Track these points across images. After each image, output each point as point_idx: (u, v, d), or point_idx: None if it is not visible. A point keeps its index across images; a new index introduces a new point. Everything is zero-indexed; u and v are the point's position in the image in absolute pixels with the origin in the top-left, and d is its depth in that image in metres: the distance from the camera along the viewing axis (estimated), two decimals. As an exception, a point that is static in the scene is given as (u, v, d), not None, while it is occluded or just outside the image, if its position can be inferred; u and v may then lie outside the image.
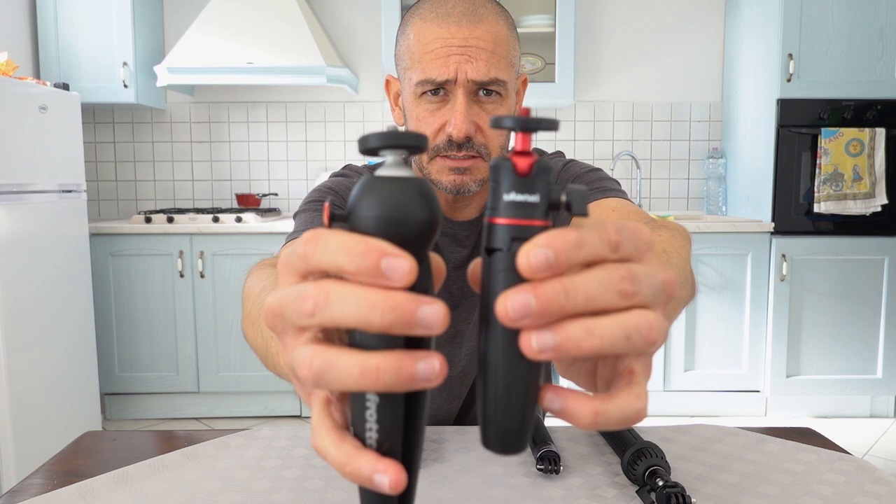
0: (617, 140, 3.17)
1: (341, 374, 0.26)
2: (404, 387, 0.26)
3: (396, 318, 0.25)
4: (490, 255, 0.28)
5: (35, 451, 2.11)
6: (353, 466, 0.27)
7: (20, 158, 2.06)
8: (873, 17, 2.57)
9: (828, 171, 2.57)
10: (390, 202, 0.27)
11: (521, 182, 0.28)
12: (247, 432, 0.73)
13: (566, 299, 0.26)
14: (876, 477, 0.61)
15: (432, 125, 0.78)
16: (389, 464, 0.27)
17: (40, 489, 0.61)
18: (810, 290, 2.65)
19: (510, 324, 0.26)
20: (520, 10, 3.00)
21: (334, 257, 0.27)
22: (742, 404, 2.74)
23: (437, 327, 0.25)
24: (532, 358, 0.27)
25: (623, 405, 0.28)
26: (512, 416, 0.29)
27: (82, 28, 2.77)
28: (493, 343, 0.28)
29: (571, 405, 0.28)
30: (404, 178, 0.28)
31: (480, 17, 0.75)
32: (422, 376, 0.26)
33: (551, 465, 0.61)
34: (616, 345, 0.26)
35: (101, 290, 2.66)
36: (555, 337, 0.26)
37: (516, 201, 0.28)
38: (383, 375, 0.25)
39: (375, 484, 0.27)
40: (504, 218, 0.28)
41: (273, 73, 2.72)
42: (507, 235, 0.28)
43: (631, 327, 0.26)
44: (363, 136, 0.28)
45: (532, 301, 0.25)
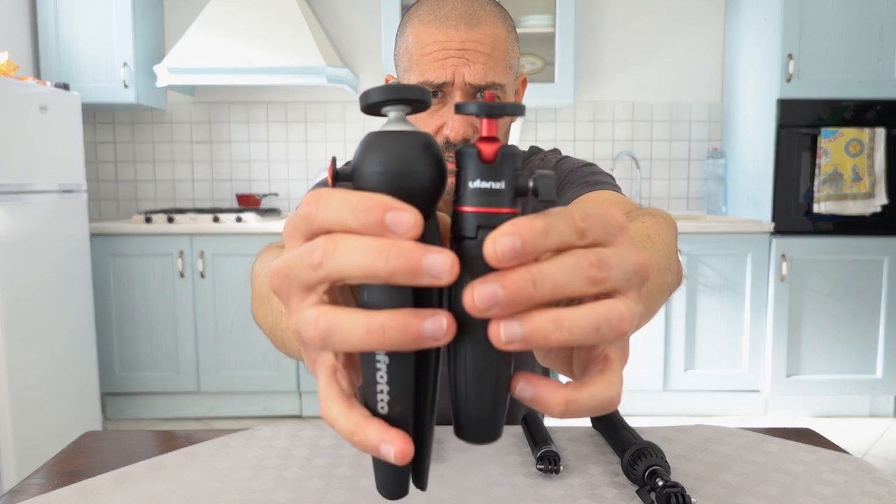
0: (617, 140, 3.17)
1: (347, 334, 0.26)
2: (411, 345, 0.25)
3: (402, 264, 0.25)
4: (458, 244, 0.28)
5: (35, 451, 2.11)
6: (360, 436, 0.27)
7: (20, 158, 2.06)
8: (873, 17, 2.57)
9: (827, 171, 2.57)
10: (394, 157, 0.27)
11: (486, 169, 0.27)
12: (247, 432, 0.73)
13: (534, 288, 0.25)
14: (876, 477, 0.61)
15: (430, 127, 0.78)
16: (396, 434, 0.27)
17: (40, 489, 0.61)
18: (810, 290, 2.65)
19: (478, 314, 0.26)
20: (520, 10, 3.00)
21: (338, 215, 0.26)
22: (742, 404, 2.74)
23: (445, 275, 0.25)
24: (500, 348, 0.26)
25: (595, 392, 0.28)
26: (483, 405, 0.28)
27: (82, 28, 2.77)
28: (461, 333, 0.28)
29: (543, 394, 0.28)
30: (408, 131, 0.27)
31: (479, 19, 0.75)
32: (429, 334, 0.25)
33: (551, 465, 0.61)
34: (585, 336, 0.26)
35: (102, 291, 2.66)
36: (522, 328, 0.26)
37: (482, 188, 0.27)
38: (389, 333, 0.25)
39: (382, 453, 0.27)
40: (470, 206, 0.27)
41: (273, 74, 2.72)
42: (473, 223, 0.27)
43: (601, 319, 0.26)
44: (364, 91, 0.28)
45: (499, 291, 0.25)
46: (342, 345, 0.26)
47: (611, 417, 0.70)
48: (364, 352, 0.27)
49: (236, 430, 0.74)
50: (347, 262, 0.25)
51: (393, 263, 0.25)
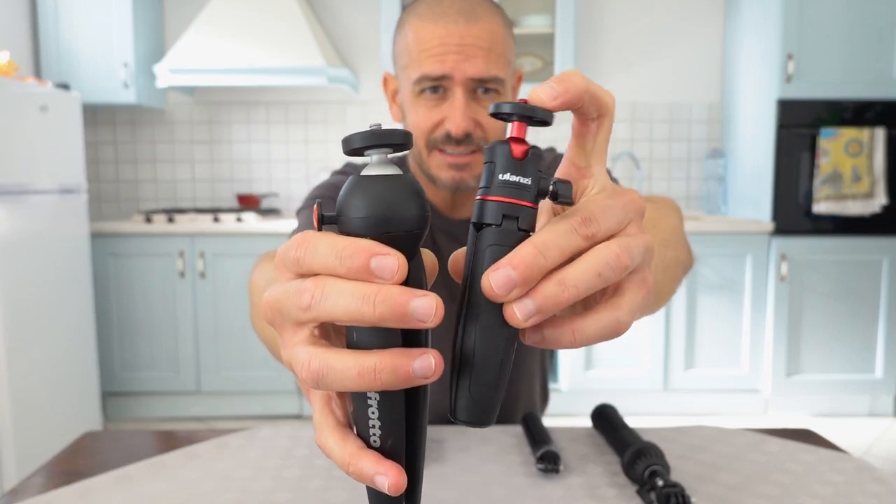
0: (617, 140, 3.17)
1: (339, 376, 0.27)
2: (402, 385, 0.26)
3: (388, 309, 0.25)
4: (479, 231, 0.29)
5: (35, 451, 2.11)
6: (356, 467, 0.28)
7: (21, 158, 2.06)
8: (873, 17, 2.57)
9: (827, 171, 2.57)
10: (377, 201, 0.27)
11: (515, 164, 0.29)
12: (247, 432, 0.73)
13: (544, 259, 0.27)
14: (876, 477, 0.61)
15: (430, 120, 0.78)
16: (390, 466, 0.28)
17: (40, 489, 0.61)
18: (810, 290, 2.65)
19: (499, 300, 0.27)
20: (520, 10, 3.00)
21: (325, 260, 0.27)
22: (742, 404, 2.74)
23: (430, 319, 0.26)
24: (520, 327, 0.28)
25: (600, 318, 0.29)
26: (485, 388, 0.30)
27: (83, 28, 2.77)
28: (472, 318, 0.29)
29: (549, 331, 0.29)
30: (390, 176, 0.28)
31: (477, 15, 0.75)
32: (419, 374, 0.26)
33: (551, 464, 0.61)
34: (591, 286, 0.28)
35: (102, 290, 2.66)
36: (535, 302, 0.27)
37: (510, 181, 0.29)
38: (381, 375, 0.26)
39: (377, 485, 0.28)
40: (497, 196, 0.29)
41: (273, 74, 2.72)
42: (498, 212, 0.29)
43: (600, 264, 0.28)
44: (346, 136, 0.29)
45: (512, 272, 0.27)
46: (335, 385, 0.27)
47: (611, 417, 0.70)
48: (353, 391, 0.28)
49: (236, 430, 0.74)
50: (336, 308, 0.26)
51: (380, 309, 0.25)
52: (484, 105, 0.78)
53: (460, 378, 0.30)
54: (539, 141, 3.16)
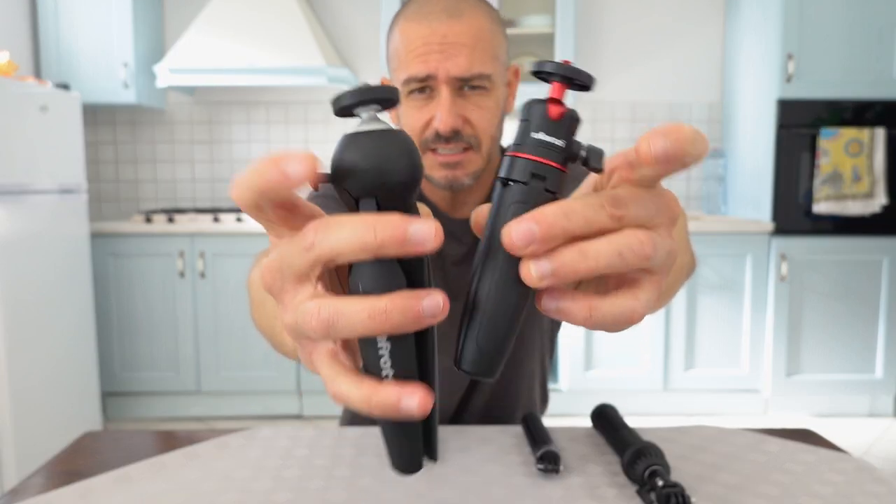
0: (617, 140, 3.17)
1: (350, 320, 0.26)
2: (413, 325, 0.26)
3: (390, 233, 0.26)
4: (505, 187, 0.30)
5: (35, 451, 2.11)
6: (377, 397, 0.27)
7: (20, 158, 2.06)
8: (873, 17, 2.57)
9: (827, 171, 2.57)
10: (372, 155, 0.28)
11: (550, 124, 0.29)
12: (247, 432, 0.73)
13: (567, 220, 0.27)
14: (876, 477, 0.61)
15: (420, 120, 0.78)
16: (415, 386, 0.27)
17: (40, 489, 0.61)
18: (810, 290, 2.65)
19: (516, 252, 0.27)
20: (520, 10, 3.00)
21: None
22: (742, 404, 2.74)
23: (430, 241, 0.26)
24: (533, 286, 0.28)
25: (617, 302, 0.29)
26: (493, 341, 0.30)
27: (83, 28, 2.77)
28: (490, 269, 0.29)
29: (566, 303, 0.29)
30: (381, 130, 0.28)
31: (461, 11, 0.75)
32: (428, 312, 0.26)
33: (551, 464, 0.61)
34: (611, 263, 0.28)
35: (102, 290, 2.66)
36: (551, 263, 0.27)
37: (543, 140, 0.29)
38: (392, 315, 0.26)
39: (403, 409, 0.27)
40: (528, 154, 0.29)
41: (273, 74, 2.72)
42: (527, 170, 0.29)
43: (623, 245, 0.28)
44: (335, 96, 0.29)
45: (535, 227, 0.27)
46: (345, 331, 0.27)
47: (611, 417, 0.70)
48: (366, 337, 0.28)
49: (236, 430, 0.74)
50: (339, 239, 0.26)
51: (381, 234, 0.26)
52: (472, 101, 0.77)
53: (469, 327, 0.30)
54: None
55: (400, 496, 0.58)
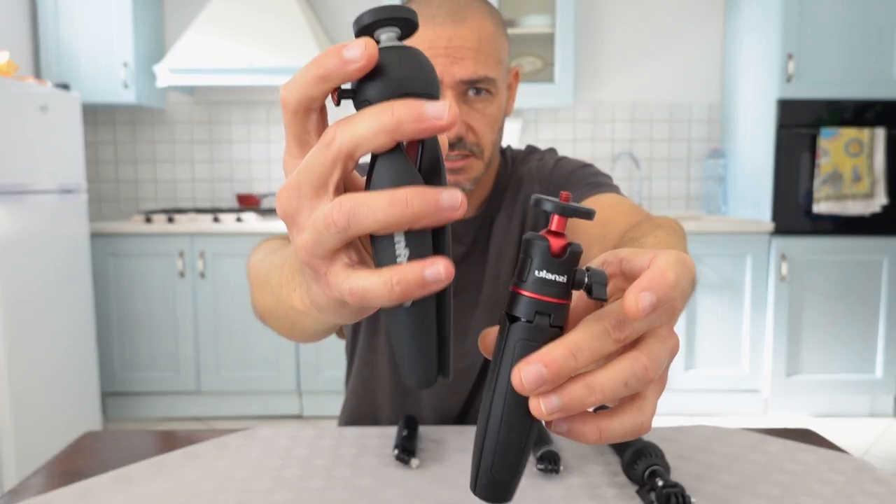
0: (617, 140, 3.17)
1: (372, 209, 0.27)
2: (433, 216, 0.27)
3: (406, 112, 0.27)
4: (511, 323, 0.30)
5: (35, 451, 2.11)
6: (400, 275, 0.27)
7: (20, 158, 2.06)
8: (873, 17, 2.57)
9: (827, 171, 2.57)
10: (394, 65, 0.28)
11: (552, 262, 0.30)
12: (247, 432, 0.73)
13: (575, 361, 0.28)
14: (875, 477, 0.61)
15: None
16: (433, 258, 0.28)
17: (40, 489, 0.61)
18: (810, 290, 2.65)
19: (526, 393, 0.28)
20: (520, 10, 3.00)
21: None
22: (742, 404, 2.74)
23: (446, 115, 0.27)
24: (542, 419, 0.29)
25: (625, 420, 0.30)
26: (506, 469, 0.31)
27: (82, 28, 2.77)
28: (498, 402, 0.31)
29: (576, 426, 0.30)
30: (399, 45, 0.29)
31: (465, 15, 0.75)
32: (447, 204, 0.27)
33: (551, 464, 0.61)
34: (616, 392, 0.29)
35: (102, 290, 2.66)
36: (560, 399, 0.28)
37: (546, 279, 0.30)
38: (413, 203, 0.27)
39: (428, 278, 0.27)
40: (532, 292, 0.30)
41: (273, 74, 2.72)
42: (532, 309, 0.30)
43: (628, 374, 0.29)
44: (358, 16, 0.29)
45: (543, 370, 0.28)
46: (367, 220, 0.27)
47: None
48: (386, 231, 0.28)
49: (236, 430, 0.74)
50: (358, 124, 0.27)
51: (398, 113, 0.27)
52: (476, 108, 0.77)
53: (483, 456, 0.31)
54: (539, 141, 3.16)
55: (400, 496, 0.58)
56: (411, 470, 0.63)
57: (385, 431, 0.74)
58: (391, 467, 0.64)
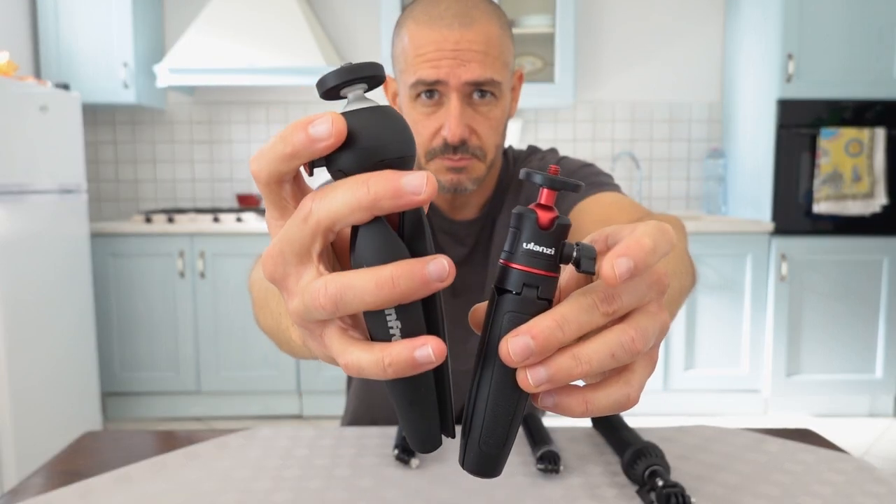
0: (617, 140, 3.17)
1: (359, 292, 0.26)
2: (421, 291, 0.26)
3: (383, 187, 0.26)
4: (500, 295, 0.30)
5: (35, 451, 2.11)
6: (391, 357, 0.27)
7: (20, 158, 2.06)
8: (873, 17, 2.57)
9: (827, 171, 2.57)
10: (365, 133, 0.28)
11: (540, 234, 0.30)
12: (247, 432, 0.73)
13: (562, 332, 0.28)
14: (875, 477, 0.61)
15: (429, 128, 0.78)
16: (424, 337, 0.28)
17: (40, 489, 0.61)
18: (810, 290, 2.65)
19: (513, 365, 0.28)
20: (520, 10, 3.00)
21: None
22: (742, 404, 2.74)
23: (423, 189, 0.26)
24: (530, 392, 0.29)
25: (612, 392, 0.30)
26: (494, 443, 0.31)
27: (82, 28, 2.77)
28: (486, 375, 0.30)
29: (563, 398, 0.30)
30: (370, 107, 0.28)
31: (473, 18, 0.75)
32: (434, 275, 0.26)
33: (551, 464, 0.61)
34: (604, 364, 0.28)
35: (102, 291, 2.66)
36: (547, 371, 0.28)
37: (534, 251, 0.30)
38: (399, 282, 0.26)
39: (419, 359, 0.27)
40: (520, 265, 0.30)
41: (273, 74, 2.72)
42: (520, 281, 0.30)
43: (615, 345, 0.28)
44: (320, 79, 0.28)
45: (531, 342, 0.27)
46: (354, 303, 0.27)
47: (611, 417, 0.70)
48: (375, 309, 0.28)
49: (236, 430, 0.74)
50: (335, 200, 0.27)
51: (374, 188, 0.26)
52: (480, 111, 0.78)
53: (471, 430, 0.31)
54: (539, 141, 3.16)
55: (400, 496, 0.58)
56: (411, 470, 0.63)
57: (385, 431, 0.74)
58: (391, 467, 0.64)
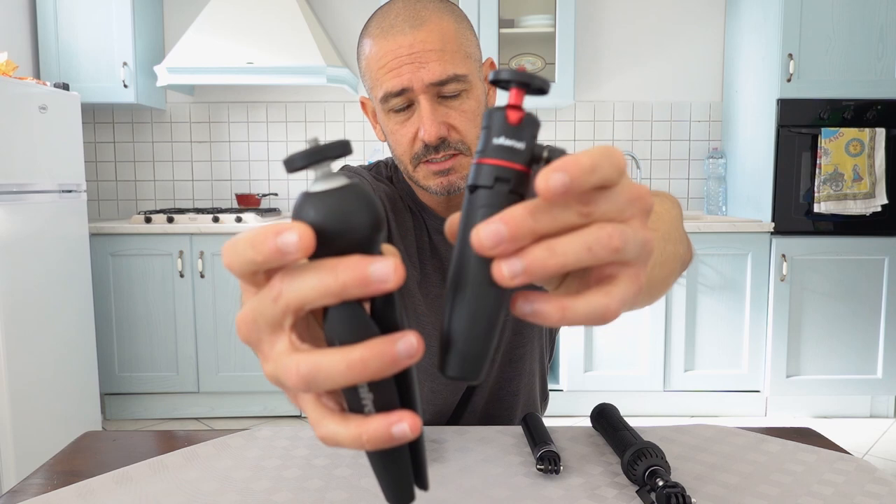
0: (617, 140, 3.17)
1: (329, 374, 0.27)
2: (390, 369, 0.27)
3: (351, 275, 0.26)
4: (472, 193, 0.31)
5: (35, 451, 2.11)
6: (368, 433, 0.28)
7: (20, 158, 2.06)
8: (873, 17, 2.57)
9: (828, 171, 2.57)
10: (328, 215, 0.28)
11: (510, 129, 0.30)
12: (247, 432, 0.73)
13: (533, 220, 0.28)
14: (876, 477, 0.61)
15: (406, 136, 0.78)
16: (400, 413, 0.28)
17: (40, 489, 0.61)
18: (810, 290, 2.65)
19: (486, 253, 0.28)
20: (520, 10, 3.00)
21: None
22: (742, 404, 2.74)
23: (391, 279, 0.26)
24: (505, 285, 0.28)
25: (590, 300, 0.29)
26: (474, 343, 0.30)
27: (82, 28, 2.77)
28: (463, 272, 0.30)
29: (539, 304, 0.29)
30: (337, 188, 0.28)
31: (423, 19, 0.75)
32: (403, 354, 0.27)
33: (551, 465, 0.61)
34: (580, 258, 0.28)
35: (101, 290, 2.66)
36: (522, 262, 0.28)
37: (504, 145, 0.30)
38: (369, 364, 0.26)
39: (396, 435, 0.28)
40: (491, 159, 0.30)
41: (273, 73, 2.72)
42: (492, 175, 0.30)
43: (591, 239, 0.28)
44: (287, 158, 0.29)
45: (502, 228, 0.27)
46: (326, 384, 0.27)
47: (611, 417, 0.70)
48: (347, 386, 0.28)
49: (236, 430, 0.74)
50: (303, 286, 0.27)
51: (342, 277, 0.26)
52: (452, 106, 0.77)
53: (451, 332, 0.30)
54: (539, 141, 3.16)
55: (400, 496, 0.58)
56: (411, 470, 0.63)
57: (385, 431, 0.73)
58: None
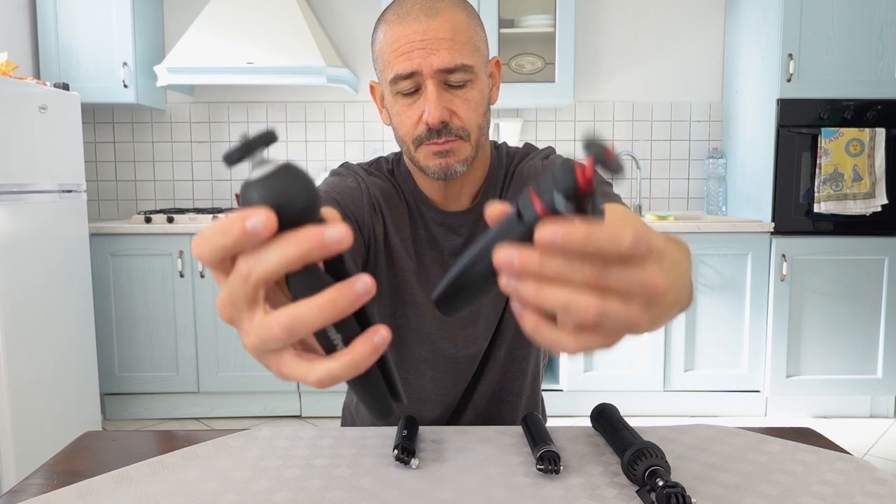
0: (617, 140, 3.16)
1: (306, 318, 0.32)
2: (354, 306, 0.32)
3: (309, 242, 0.31)
4: (519, 218, 0.37)
5: (35, 451, 2.11)
6: (356, 354, 0.33)
7: (20, 158, 2.06)
8: (873, 17, 2.57)
9: (828, 171, 2.57)
10: (270, 195, 0.32)
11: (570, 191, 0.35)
12: (247, 432, 0.73)
13: (539, 266, 0.33)
14: (876, 477, 0.61)
15: (411, 118, 0.81)
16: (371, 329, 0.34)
17: (40, 489, 0.61)
18: (810, 290, 2.65)
19: (497, 267, 0.34)
20: (520, 10, 3.00)
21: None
22: (742, 404, 2.74)
23: (345, 238, 0.31)
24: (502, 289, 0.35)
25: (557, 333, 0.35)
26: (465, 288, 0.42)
27: (82, 28, 2.77)
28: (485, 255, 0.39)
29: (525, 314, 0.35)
30: (268, 173, 0.33)
31: (437, 9, 0.79)
32: (361, 291, 0.32)
33: (551, 465, 0.61)
34: (556, 309, 0.33)
35: (101, 290, 2.65)
36: (515, 288, 0.34)
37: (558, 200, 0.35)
38: (337, 302, 0.31)
39: (378, 344, 0.33)
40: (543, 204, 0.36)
41: (273, 73, 2.72)
42: (536, 216, 0.36)
43: (570, 303, 0.32)
44: (224, 155, 0.33)
45: (514, 259, 0.33)
46: (305, 329, 0.32)
47: (611, 417, 0.70)
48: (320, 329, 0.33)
49: (236, 431, 0.74)
50: (269, 260, 0.31)
51: (303, 245, 0.31)
52: (456, 94, 0.81)
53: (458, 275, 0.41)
54: (539, 141, 3.16)
55: (400, 496, 0.58)
56: (411, 470, 0.63)
57: (385, 431, 0.73)
58: (391, 467, 0.64)
